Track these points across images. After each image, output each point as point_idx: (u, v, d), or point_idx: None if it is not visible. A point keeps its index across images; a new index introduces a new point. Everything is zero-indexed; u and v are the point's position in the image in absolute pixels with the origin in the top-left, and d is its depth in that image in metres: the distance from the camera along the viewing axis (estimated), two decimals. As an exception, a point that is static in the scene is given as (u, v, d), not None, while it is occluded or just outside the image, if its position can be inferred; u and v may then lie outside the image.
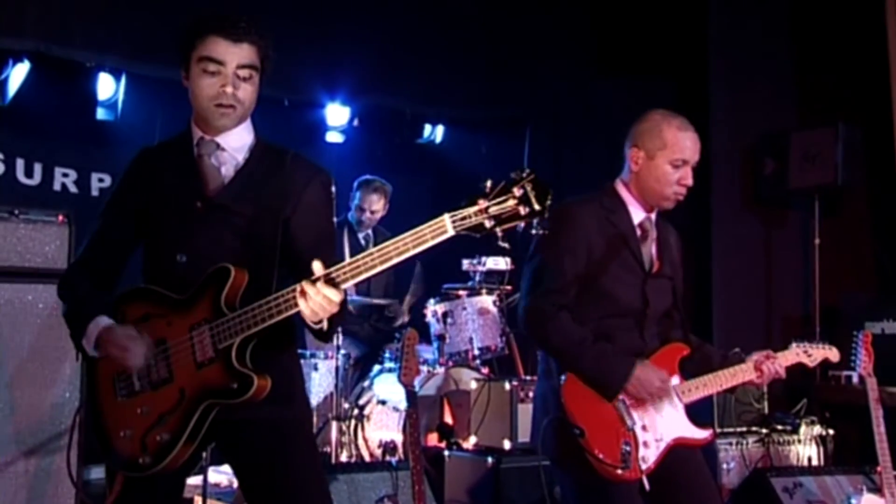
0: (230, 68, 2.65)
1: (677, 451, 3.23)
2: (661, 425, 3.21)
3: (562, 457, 3.20)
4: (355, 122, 7.29)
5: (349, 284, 2.42)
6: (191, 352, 2.58)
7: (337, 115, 7.18)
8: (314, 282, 2.40)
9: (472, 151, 7.88)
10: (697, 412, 3.39)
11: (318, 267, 2.41)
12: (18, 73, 5.95)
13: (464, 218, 2.28)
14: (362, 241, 6.29)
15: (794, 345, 3.58)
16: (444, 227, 2.30)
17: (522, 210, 2.25)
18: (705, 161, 7.23)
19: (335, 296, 2.40)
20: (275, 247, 2.67)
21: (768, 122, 6.87)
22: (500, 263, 5.77)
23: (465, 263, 5.80)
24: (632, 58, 7.27)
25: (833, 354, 3.63)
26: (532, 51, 7.42)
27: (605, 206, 3.28)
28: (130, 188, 2.81)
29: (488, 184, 2.29)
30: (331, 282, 2.39)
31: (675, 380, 3.29)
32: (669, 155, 3.24)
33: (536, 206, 2.24)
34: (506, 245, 2.30)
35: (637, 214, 3.31)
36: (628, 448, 3.08)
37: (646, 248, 3.31)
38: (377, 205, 6.26)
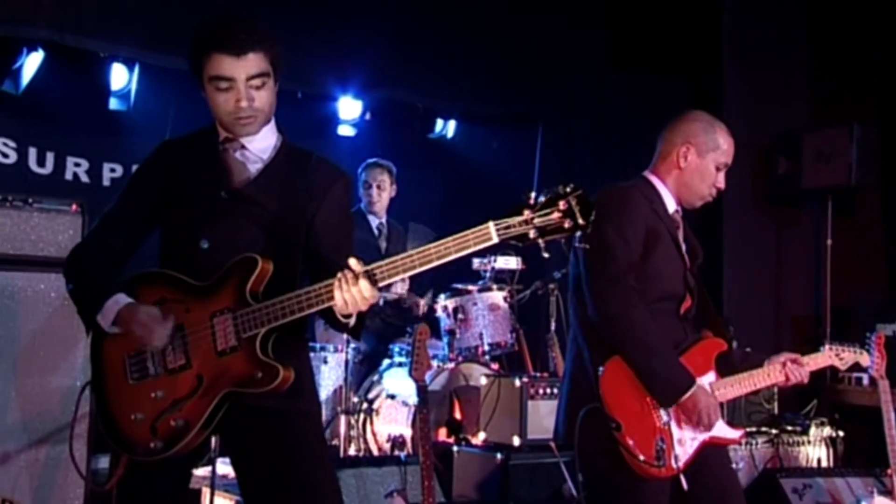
0: (240, 83, 2.65)
1: (705, 450, 3.22)
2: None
3: (593, 449, 3.16)
4: (367, 116, 7.27)
5: (385, 283, 2.44)
6: (211, 339, 2.58)
7: (349, 108, 7.16)
8: (356, 276, 2.42)
9: (484, 147, 7.87)
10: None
11: (354, 262, 2.43)
12: (32, 62, 5.95)
13: (508, 227, 2.35)
14: (375, 231, 6.27)
15: (826, 346, 3.54)
16: (489, 234, 2.37)
17: (567, 224, 2.31)
18: (718, 159, 7.22)
19: (369, 291, 2.42)
20: (298, 243, 2.70)
21: (782, 120, 6.86)
22: (511, 263, 5.76)
23: (476, 262, 5.80)
24: (645, 55, 7.26)
25: (864, 359, 3.61)
26: (545, 46, 7.40)
27: (645, 194, 3.28)
28: (151, 174, 2.81)
29: (532, 195, 2.33)
30: (370, 278, 2.42)
31: (711, 376, 3.26)
32: (718, 157, 3.31)
33: (581, 221, 2.30)
34: (547, 255, 2.35)
35: (671, 206, 3.33)
36: (663, 445, 3.08)
37: (680, 239, 3.33)
38: (381, 178, 6.23)
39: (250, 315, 2.54)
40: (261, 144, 2.77)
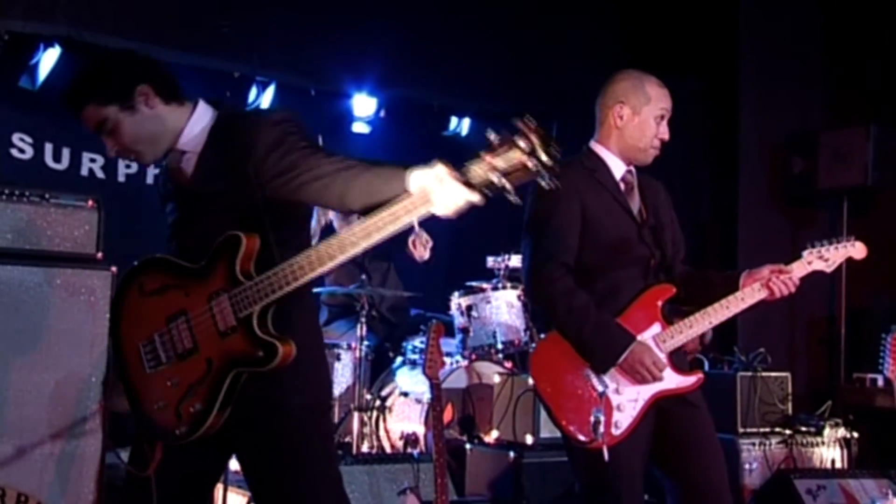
0: (97, 132, 2.70)
1: (684, 414, 3.18)
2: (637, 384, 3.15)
3: (564, 438, 3.21)
4: (382, 113, 7.28)
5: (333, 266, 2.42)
6: (212, 321, 2.58)
7: (364, 105, 7.17)
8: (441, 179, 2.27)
9: (498, 145, 7.85)
10: (719, 413, 3.34)
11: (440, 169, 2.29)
12: (49, 58, 5.98)
13: (472, 177, 2.21)
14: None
15: (805, 252, 3.32)
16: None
17: (530, 163, 2.14)
18: (733, 158, 7.21)
19: (464, 194, 2.24)
20: (259, 209, 2.60)
21: (798, 120, 6.82)
22: (526, 261, 5.75)
23: (490, 261, 5.80)
24: (661, 55, 7.23)
25: (857, 250, 3.33)
26: (560, 44, 7.39)
27: (586, 166, 3.31)
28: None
29: (492, 137, 2.19)
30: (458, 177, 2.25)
31: (657, 328, 3.21)
32: (653, 109, 3.31)
33: (544, 158, 2.13)
34: (517, 200, 2.19)
35: (618, 169, 3.33)
36: (599, 415, 3.04)
37: (633, 200, 3.32)
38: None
39: (243, 293, 2.53)
40: (194, 138, 2.72)
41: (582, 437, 3.08)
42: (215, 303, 2.58)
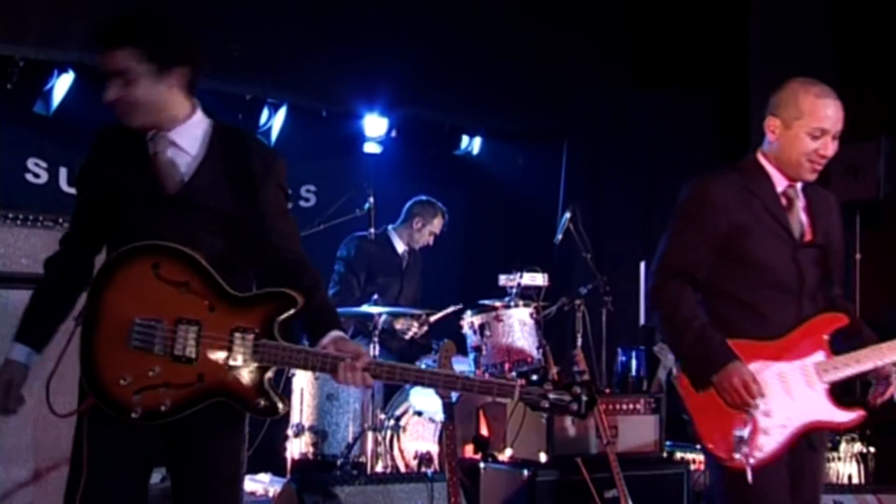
0: (112, 74, 2.75)
1: (804, 458, 3.09)
2: (790, 410, 3.03)
3: (706, 456, 3.18)
4: (393, 133, 7.31)
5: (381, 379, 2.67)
6: (226, 350, 2.59)
7: (375, 125, 7.20)
8: (357, 368, 2.58)
9: (509, 163, 7.88)
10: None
11: (361, 355, 2.61)
12: (63, 84, 6.03)
13: (529, 393, 2.65)
14: (400, 254, 6.27)
15: None
16: (513, 391, 2.63)
17: (572, 407, 2.64)
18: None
19: (367, 381, 2.61)
20: (251, 239, 2.69)
21: (809, 135, 6.80)
22: (537, 279, 5.76)
23: (502, 279, 5.80)
24: (671, 70, 7.26)
25: None
26: (570, 63, 7.42)
27: (744, 176, 3.16)
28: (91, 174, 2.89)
29: (554, 372, 2.54)
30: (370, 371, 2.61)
31: (820, 355, 3.07)
32: (807, 125, 3.11)
33: (582, 411, 2.65)
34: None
35: (780, 183, 3.17)
36: (743, 434, 2.94)
37: (793, 216, 3.16)
38: (440, 227, 6.42)
39: (272, 350, 2.58)
40: (193, 140, 2.74)
41: (721, 455, 3.00)
42: (238, 337, 2.58)
